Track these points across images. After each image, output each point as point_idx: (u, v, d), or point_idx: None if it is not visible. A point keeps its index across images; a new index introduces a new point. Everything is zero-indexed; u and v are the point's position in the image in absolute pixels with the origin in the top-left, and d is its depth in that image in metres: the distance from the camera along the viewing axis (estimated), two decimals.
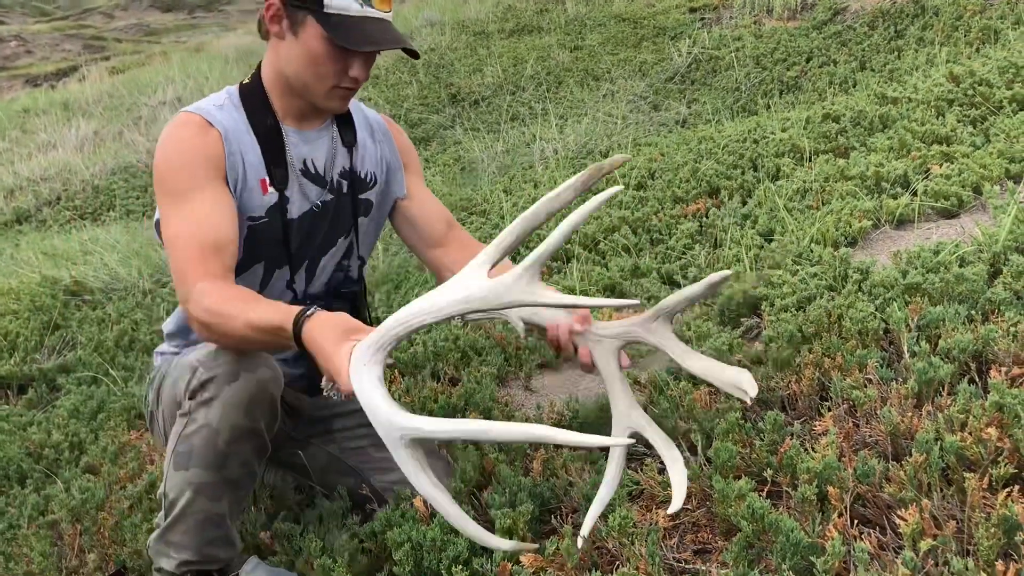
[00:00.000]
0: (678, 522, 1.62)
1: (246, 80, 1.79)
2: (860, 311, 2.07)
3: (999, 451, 1.42)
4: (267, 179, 1.74)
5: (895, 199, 3.02)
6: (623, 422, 1.60)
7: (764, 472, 1.59)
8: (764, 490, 1.56)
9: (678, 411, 1.90)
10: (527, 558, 1.51)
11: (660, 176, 4.19)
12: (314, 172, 1.81)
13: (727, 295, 2.56)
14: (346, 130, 1.86)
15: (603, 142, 5.89)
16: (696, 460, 1.71)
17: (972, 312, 1.97)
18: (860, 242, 2.86)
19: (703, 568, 1.48)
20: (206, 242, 1.61)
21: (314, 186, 1.81)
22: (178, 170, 1.65)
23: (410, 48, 1.68)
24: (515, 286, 1.24)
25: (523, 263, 1.25)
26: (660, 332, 1.60)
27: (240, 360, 1.59)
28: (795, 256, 2.77)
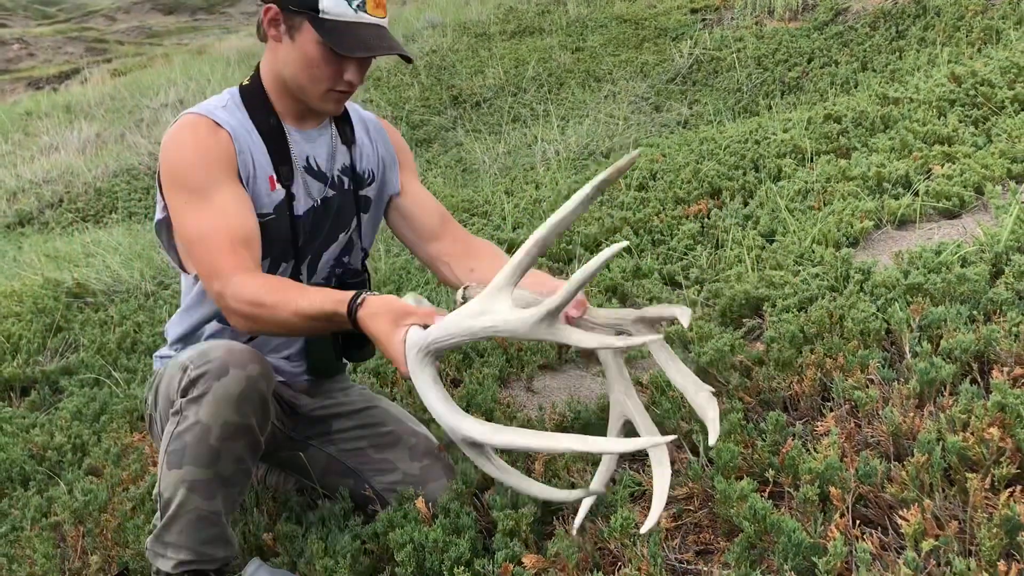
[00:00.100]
0: (680, 523, 1.62)
1: (246, 82, 1.81)
2: (862, 311, 2.07)
3: (1001, 451, 1.42)
4: (274, 176, 1.77)
5: (897, 199, 3.01)
6: (618, 408, 1.63)
7: (766, 473, 1.59)
8: (766, 491, 1.56)
9: (680, 412, 1.91)
10: (529, 559, 1.51)
11: (662, 177, 4.19)
12: (317, 169, 1.84)
13: (729, 296, 2.56)
14: (345, 128, 1.90)
15: (604, 143, 5.89)
16: (698, 461, 1.71)
17: (974, 312, 1.97)
18: (862, 243, 2.86)
19: (705, 569, 1.48)
20: (235, 236, 1.64)
21: (317, 183, 1.84)
22: (196, 168, 1.67)
23: (404, 54, 1.71)
24: (539, 326, 1.31)
25: (545, 306, 1.29)
26: (646, 333, 1.62)
27: (230, 356, 1.59)
28: (797, 257, 2.77)
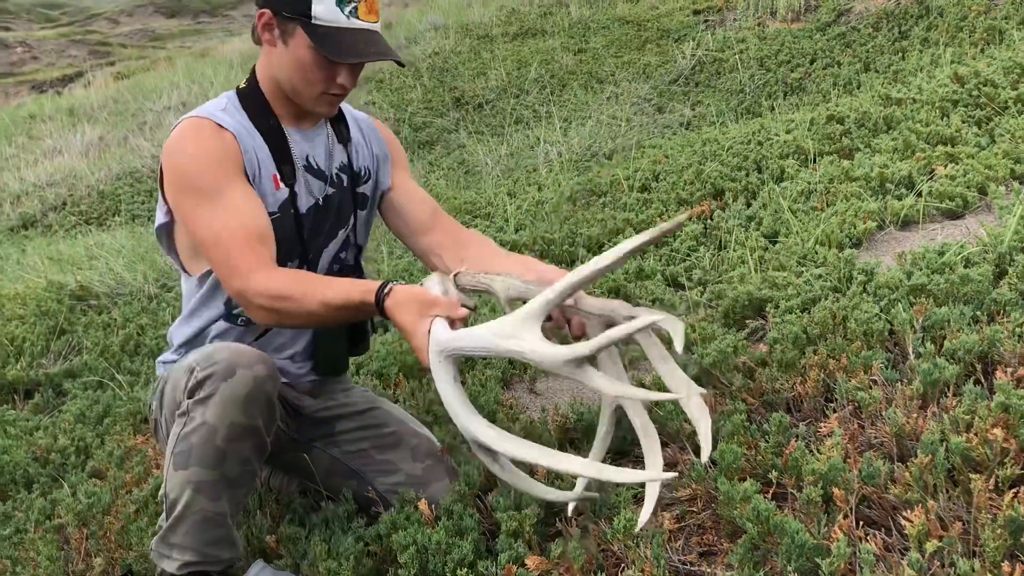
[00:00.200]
0: (683, 524, 1.62)
1: (243, 85, 1.84)
2: (865, 312, 2.07)
3: (1005, 452, 1.42)
4: (277, 175, 1.79)
5: (900, 200, 3.01)
6: (609, 398, 1.65)
7: (769, 474, 1.59)
8: (769, 492, 1.56)
9: (682, 414, 1.90)
10: (532, 561, 1.51)
11: (664, 178, 4.19)
12: (316, 168, 1.87)
13: (732, 297, 2.55)
14: (340, 128, 1.93)
15: (607, 144, 5.89)
16: (701, 462, 1.70)
17: (977, 313, 1.97)
18: (865, 243, 2.85)
19: (708, 570, 1.48)
20: (251, 233, 1.66)
21: (317, 181, 1.86)
22: (204, 170, 1.69)
23: (396, 59, 1.74)
24: (567, 365, 1.35)
25: (578, 351, 1.33)
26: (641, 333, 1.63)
27: (237, 357, 1.60)
28: (800, 258, 2.77)
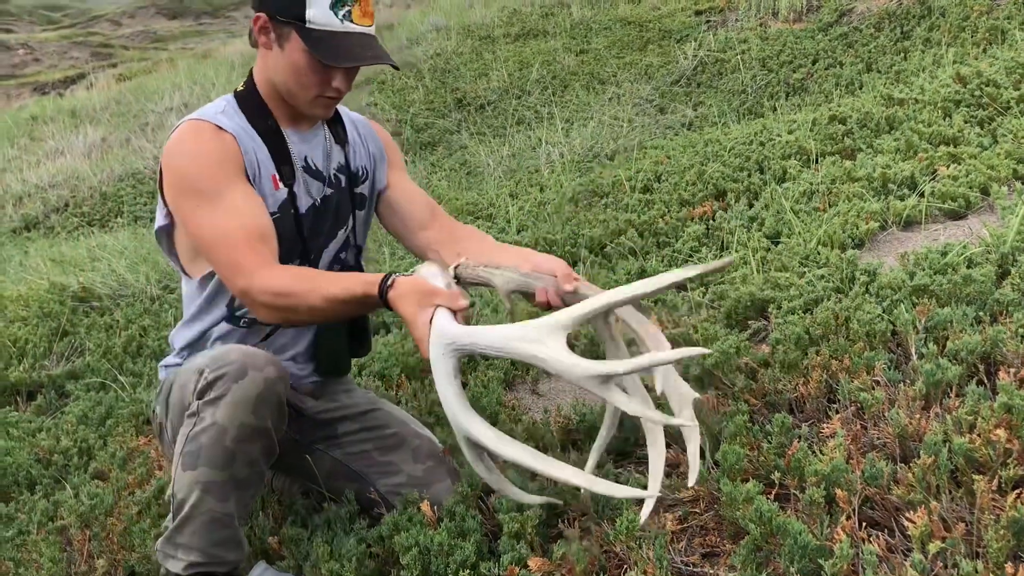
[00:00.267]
0: (686, 525, 1.62)
1: (240, 87, 1.85)
2: (867, 313, 2.06)
3: (1008, 453, 1.42)
4: (277, 175, 1.80)
5: (902, 201, 3.01)
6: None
7: (772, 475, 1.59)
8: (772, 493, 1.56)
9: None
10: (535, 562, 1.51)
11: (666, 179, 4.19)
12: (315, 169, 1.88)
13: (734, 297, 2.55)
14: (337, 129, 1.94)
15: (609, 145, 5.89)
16: (704, 463, 1.70)
17: (980, 313, 1.97)
18: (867, 244, 2.85)
19: (711, 571, 1.48)
20: (252, 233, 1.68)
21: (316, 182, 1.88)
22: (205, 171, 1.70)
23: (390, 63, 1.75)
24: (591, 380, 1.34)
25: (605, 369, 1.33)
26: (636, 317, 1.66)
27: (248, 359, 1.61)
28: (802, 258, 2.77)
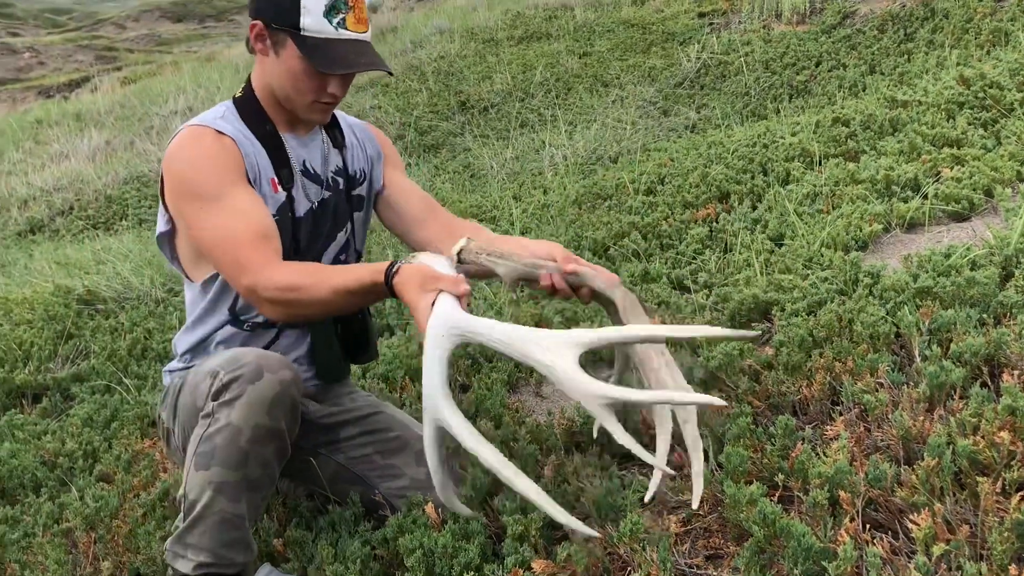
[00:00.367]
0: (690, 528, 1.62)
1: (239, 93, 1.87)
2: (871, 315, 2.06)
3: (1012, 455, 1.42)
4: (275, 179, 1.82)
5: (906, 203, 3.01)
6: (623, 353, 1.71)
7: (775, 477, 1.59)
8: (775, 495, 1.56)
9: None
10: (539, 564, 1.51)
11: (670, 181, 4.19)
12: (313, 172, 1.90)
13: (738, 300, 2.55)
14: (335, 133, 1.96)
15: (612, 148, 5.89)
16: (708, 465, 1.71)
17: (984, 315, 1.97)
18: (871, 246, 2.85)
19: (715, 573, 1.48)
20: (256, 232, 1.69)
21: (314, 185, 1.89)
22: (206, 175, 1.72)
23: (384, 69, 1.77)
24: (597, 401, 1.34)
25: (615, 394, 1.33)
26: (633, 311, 1.66)
27: (263, 361, 1.62)
28: (806, 260, 2.77)
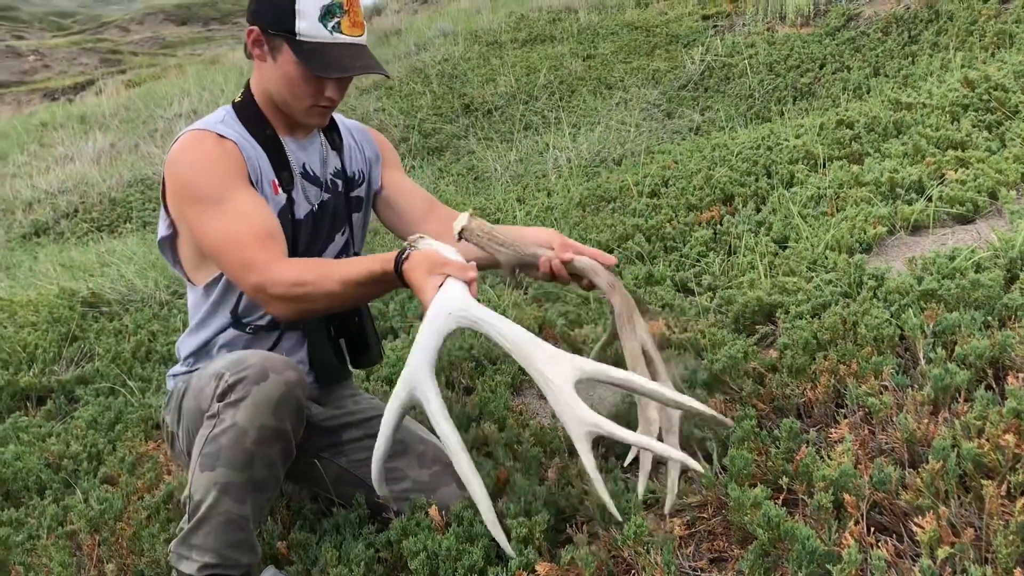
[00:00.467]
0: (694, 530, 1.62)
1: (238, 98, 1.89)
2: (875, 318, 2.06)
3: (1017, 458, 1.41)
4: (276, 181, 1.84)
5: (910, 205, 3.00)
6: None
7: (780, 480, 1.58)
8: (780, 498, 1.56)
9: (693, 418, 1.90)
10: (543, 567, 1.51)
11: (674, 184, 4.19)
12: (312, 175, 1.92)
13: (742, 302, 2.55)
14: (333, 135, 1.99)
15: (616, 150, 5.89)
16: (712, 468, 1.71)
17: (988, 318, 1.96)
18: (875, 248, 2.85)
19: None
20: (261, 232, 1.70)
21: (313, 187, 1.92)
22: (209, 178, 1.73)
23: (381, 73, 1.78)
24: (583, 429, 1.38)
25: (609, 430, 1.37)
26: (631, 317, 1.68)
27: (268, 363, 1.63)
28: (810, 263, 2.76)
